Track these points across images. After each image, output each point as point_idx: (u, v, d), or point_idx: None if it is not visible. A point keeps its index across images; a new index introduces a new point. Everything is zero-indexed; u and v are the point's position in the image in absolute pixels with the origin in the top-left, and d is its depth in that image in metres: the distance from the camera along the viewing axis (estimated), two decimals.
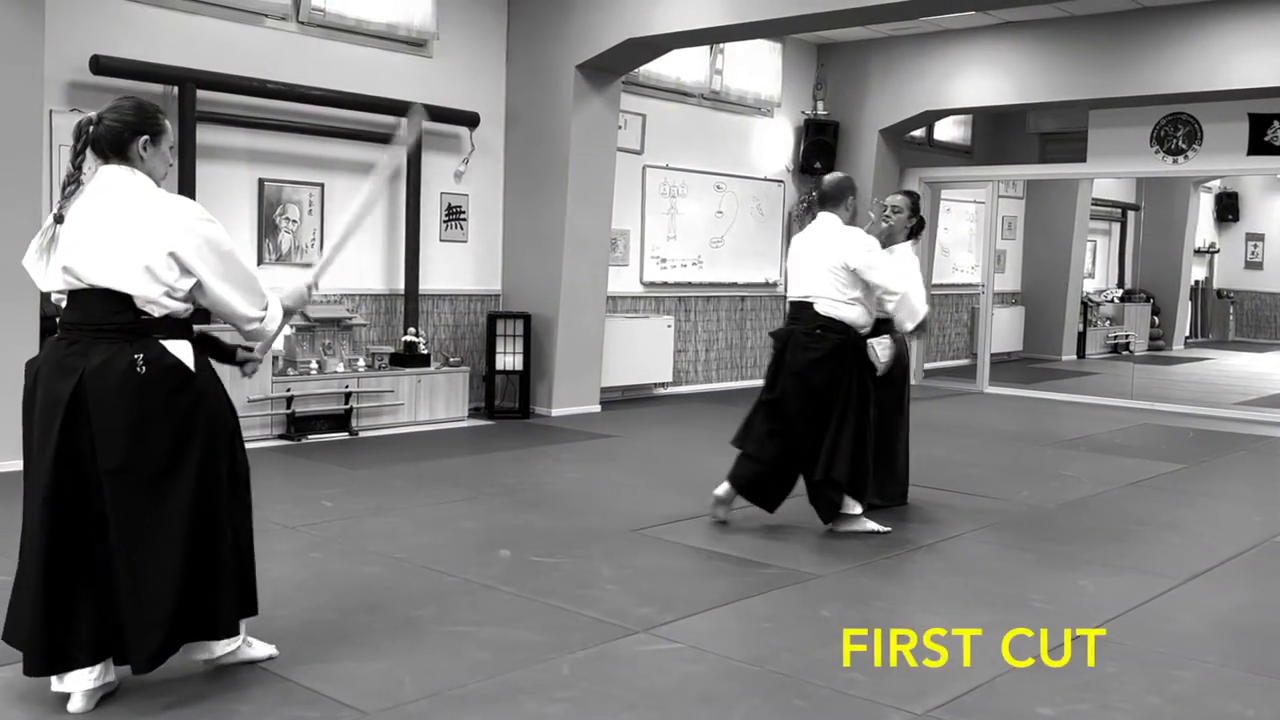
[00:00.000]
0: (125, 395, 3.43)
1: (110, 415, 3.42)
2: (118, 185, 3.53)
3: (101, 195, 3.52)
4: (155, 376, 3.46)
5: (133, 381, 3.43)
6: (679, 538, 5.92)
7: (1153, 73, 10.83)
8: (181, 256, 3.48)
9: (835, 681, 3.97)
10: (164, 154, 3.65)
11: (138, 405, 3.44)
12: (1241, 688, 4.05)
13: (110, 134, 3.54)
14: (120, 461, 3.44)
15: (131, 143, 3.55)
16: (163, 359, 3.49)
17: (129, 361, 3.43)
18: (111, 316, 3.46)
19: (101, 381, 3.42)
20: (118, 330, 3.46)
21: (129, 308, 3.46)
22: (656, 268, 11.65)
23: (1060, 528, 6.44)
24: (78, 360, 3.45)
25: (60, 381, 3.45)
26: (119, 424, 3.43)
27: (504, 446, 8.54)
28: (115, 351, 3.44)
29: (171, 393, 3.50)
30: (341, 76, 8.94)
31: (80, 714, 3.53)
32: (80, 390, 3.42)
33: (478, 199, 10.18)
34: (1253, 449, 9.48)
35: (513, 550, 5.56)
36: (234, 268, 3.60)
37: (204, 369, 3.64)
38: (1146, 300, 18.88)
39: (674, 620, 4.58)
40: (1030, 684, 4.02)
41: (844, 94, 12.96)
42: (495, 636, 4.33)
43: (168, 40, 8.07)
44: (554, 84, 9.88)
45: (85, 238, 3.48)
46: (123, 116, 3.56)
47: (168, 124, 3.68)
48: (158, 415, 3.47)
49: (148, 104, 3.65)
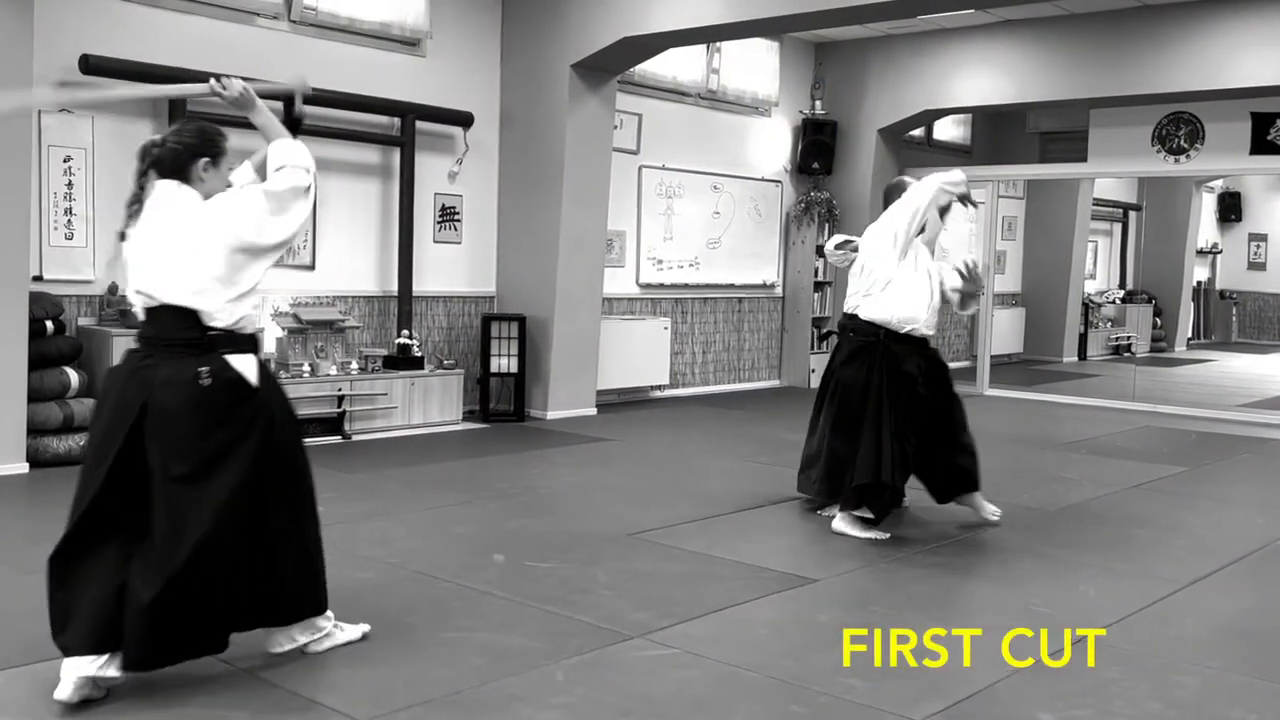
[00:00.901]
0: (189, 406, 3.65)
1: (174, 426, 3.64)
2: (169, 201, 3.77)
3: (157, 213, 3.76)
4: (218, 389, 3.70)
5: (196, 394, 3.66)
6: (675, 542, 5.91)
7: (1154, 71, 10.84)
8: (246, 242, 3.71)
9: (834, 687, 3.97)
10: (224, 175, 3.88)
11: (201, 417, 3.67)
12: (1244, 693, 4.05)
13: (172, 155, 3.78)
14: (183, 470, 3.63)
15: (191, 164, 3.79)
16: (225, 372, 3.72)
17: (193, 374, 3.66)
18: (180, 332, 3.70)
19: (168, 394, 3.65)
20: (185, 345, 3.70)
21: (196, 323, 3.70)
22: (653, 269, 11.64)
23: (1061, 531, 6.44)
24: (149, 374, 3.68)
25: (132, 393, 3.67)
26: (182, 434, 3.64)
27: (499, 450, 8.53)
28: (181, 365, 3.67)
29: (233, 405, 3.73)
30: (334, 76, 8.93)
31: (68, 702, 3.60)
32: (148, 402, 3.64)
33: (472, 200, 10.18)
34: (1256, 451, 9.48)
35: (507, 555, 5.55)
36: (279, 209, 3.78)
37: (266, 382, 3.87)
38: (1148, 301, 18.89)
39: (670, 625, 4.57)
40: (1031, 689, 4.02)
41: (842, 93, 12.96)
42: (489, 642, 4.32)
43: (158, 39, 8.06)
44: (549, 83, 9.89)
45: (150, 257, 3.74)
46: (184, 139, 3.80)
47: (228, 147, 3.89)
48: (220, 426, 3.70)
49: (209, 127, 3.90)
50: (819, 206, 12.76)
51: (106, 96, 3.90)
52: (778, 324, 13.09)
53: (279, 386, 4.00)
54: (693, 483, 7.47)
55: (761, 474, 7.82)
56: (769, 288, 12.93)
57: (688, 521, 6.37)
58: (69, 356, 7.45)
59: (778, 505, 6.86)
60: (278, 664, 4.01)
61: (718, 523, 6.40)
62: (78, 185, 7.74)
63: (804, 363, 12.94)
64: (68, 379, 7.36)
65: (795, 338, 13.05)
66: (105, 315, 7.77)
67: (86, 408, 7.37)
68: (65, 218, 7.71)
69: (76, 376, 7.40)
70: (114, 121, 7.89)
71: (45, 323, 7.33)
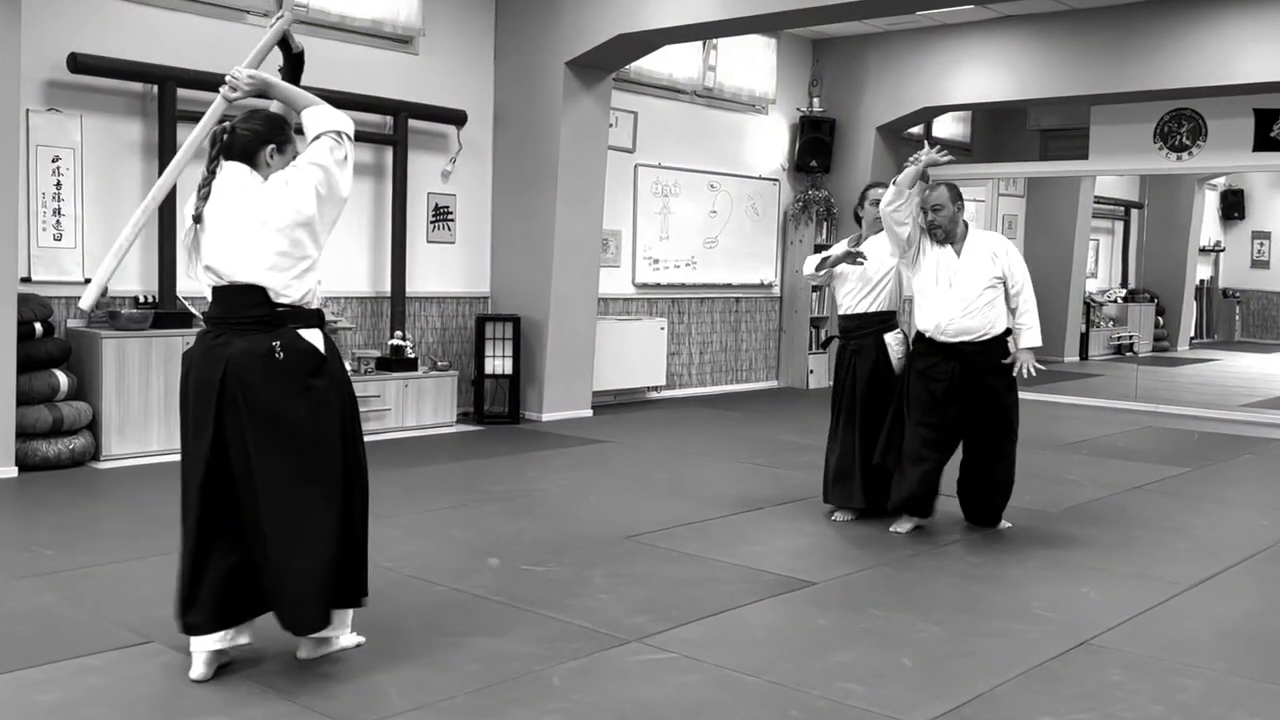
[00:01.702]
0: (267, 378, 3.85)
1: (255, 397, 3.83)
2: (236, 183, 3.94)
3: (224, 195, 3.93)
4: (294, 360, 3.89)
5: (273, 365, 3.85)
6: (673, 545, 5.91)
7: (1156, 67, 10.85)
8: (304, 216, 3.88)
9: (832, 691, 3.97)
10: (288, 162, 4.01)
11: (280, 387, 3.86)
12: (1248, 696, 4.05)
13: (242, 141, 3.98)
14: (268, 440, 3.84)
15: (260, 150, 3.98)
16: (296, 344, 3.91)
17: (268, 348, 3.85)
18: (250, 309, 3.89)
19: (244, 368, 3.84)
20: (256, 322, 3.88)
21: (265, 300, 3.88)
22: (649, 269, 11.65)
23: (1063, 533, 6.45)
24: (222, 350, 3.87)
25: (209, 370, 3.87)
26: (263, 404, 3.84)
27: (493, 452, 8.53)
28: (255, 341, 3.86)
29: (309, 375, 3.92)
30: (325, 75, 8.88)
31: (204, 679, 3.90)
32: (226, 376, 3.84)
33: (466, 199, 10.18)
34: (1260, 452, 9.49)
35: (502, 559, 5.55)
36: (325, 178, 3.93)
37: (333, 355, 4.05)
38: (1150, 300, 18.92)
39: (667, 629, 4.57)
40: (1032, 692, 4.02)
41: (840, 90, 12.97)
42: (484, 647, 4.32)
43: (148, 37, 8.06)
44: (543, 81, 9.89)
45: (219, 236, 3.91)
46: (253, 126, 4.01)
47: (293, 134, 4.09)
48: (298, 395, 3.89)
49: (275, 115, 4.11)
50: (817, 205, 12.77)
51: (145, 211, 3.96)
52: (775, 324, 13.09)
53: (342, 361, 4.16)
54: (690, 485, 7.47)
55: (759, 476, 7.82)
56: (766, 287, 12.94)
57: (685, 524, 6.37)
58: (58, 359, 7.45)
59: (776, 507, 6.86)
60: (269, 668, 4.01)
61: (715, 525, 6.40)
62: (66, 185, 7.73)
63: (802, 364, 12.94)
64: (57, 382, 7.35)
65: (793, 338, 13.05)
66: (95, 317, 7.76)
67: (76, 410, 7.37)
68: (54, 218, 7.70)
69: (65, 379, 7.40)
70: (103, 121, 7.90)
71: (34, 324, 7.33)
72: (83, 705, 3.69)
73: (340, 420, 3.99)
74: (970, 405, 6.16)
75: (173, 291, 8.02)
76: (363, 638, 4.25)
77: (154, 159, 8.04)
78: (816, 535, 6.25)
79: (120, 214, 8.00)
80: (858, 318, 6.54)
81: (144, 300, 8.03)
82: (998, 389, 6.18)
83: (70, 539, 5.73)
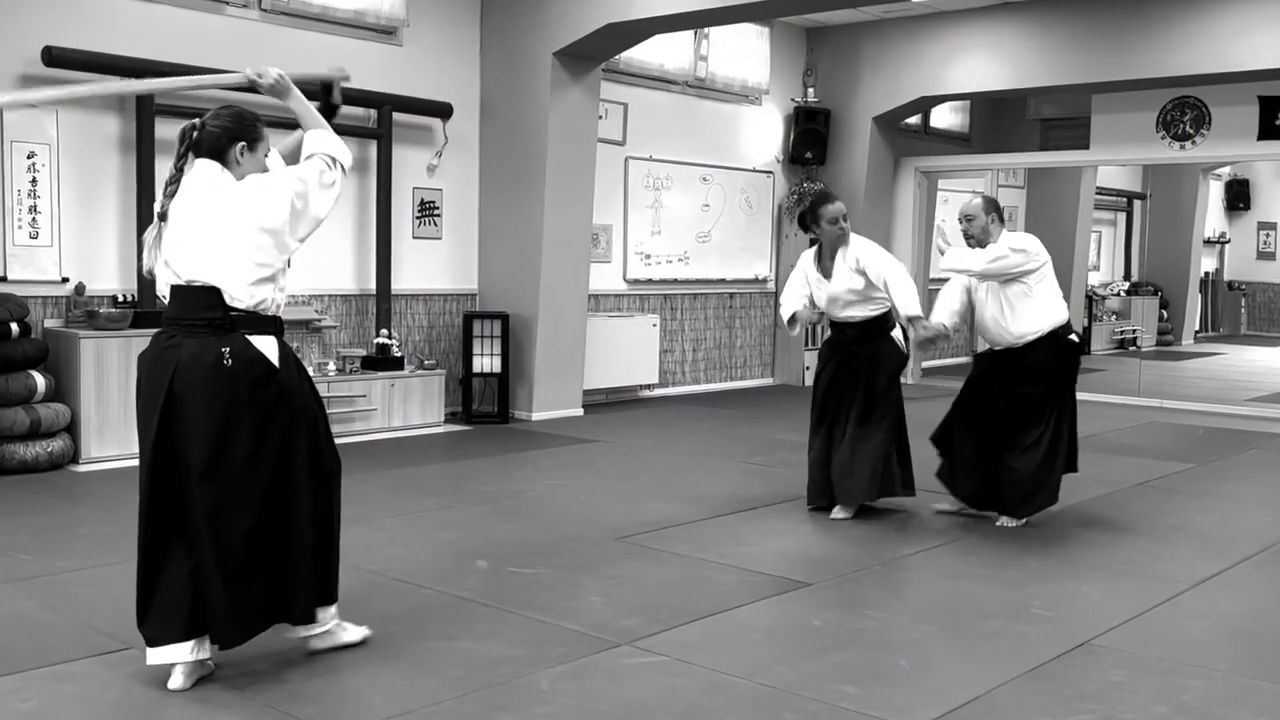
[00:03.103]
0: (213, 385, 3.83)
1: (198, 404, 3.82)
2: (204, 181, 3.95)
3: (192, 192, 3.94)
4: (240, 369, 3.87)
5: (220, 373, 3.84)
6: (665, 545, 5.92)
7: (1158, 54, 10.86)
8: (270, 225, 3.89)
9: (827, 694, 3.98)
10: (259, 160, 4.06)
11: (224, 395, 3.84)
12: (1252, 696, 4.07)
13: (211, 139, 3.98)
14: (205, 450, 3.83)
15: (230, 148, 3.98)
16: (247, 352, 3.89)
17: (216, 355, 3.84)
18: (203, 311, 3.88)
19: (192, 373, 3.83)
20: (208, 325, 3.87)
21: (219, 303, 3.88)
22: (640, 264, 11.66)
23: (1064, 531, 6.46)
24: (173, 353, 3.87)
25: (158, 373, 3.87)
26: (205, 413, 3.82)
27: (482, 452, 8.54)
28: (205, 345, 3.85)
29: (255, 385, 3.90)
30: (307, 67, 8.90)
31: (183, 690, 3.88)
32: (174, 381, 3.84)
33: (452, 194, 10.18)
34: (1265, 447, 9.51)
35: (490, 561, 5.56)
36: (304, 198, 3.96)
37: (287, 364, 4.02)
38: (1154, 293, 18.95)
39: (659, 632, 4.58)
40: (1031, 694, 4.03)
41: (835, 80, 12.98)
42: (472, 651, 4.33)
43: (124, 29, 8.05)
44: (530, 72, 9.89)
45: (181, 235, 3.92)
46: (223, 123, 3.99)
47: (265, 132, 4.10)
48: (242, 406, 3.87)
49: (246, 113, 4.08)
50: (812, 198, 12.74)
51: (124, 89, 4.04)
52: (770, 320, 13.10)
53: (301, 368, 4.15)
54: (682, 485, 7.48)
55: (754, 475, 7.83)
56: (761, 282, 12.95)
57: (677, 524, 6.38)
58: (35, 360, 7.44)
59: (770, 507, 6.87)
60: (252, 673, 4.02)
61: (708, 525, 6.41)
62: (43, 182, 7.72)
63: (798, 360, 12.95)
64: (34, 383, 7.34)
65: (788, 334, 13.01)
66: (73, 317, 7.77)
67: (54, 412, 7.37)
68: (30, 215, 7.69)
69: (43, 380, 7.39)
70: (80, 115, 7.89)
71: (10, 325, 7.32)
72: (61, 712, 3.70)
73: (284, 432, 3.96)
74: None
75: (152, 290, 7.98)
76: (367, 630, 4.39)
77: (132, 154, 8.04)
78: (811, 535, 6.26)
79: (98, 211, 8.01)
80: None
81: (123, 299, 8.03)
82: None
83: (48, 543, 5.73)
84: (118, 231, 8.10)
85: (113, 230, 8.10)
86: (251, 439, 3.88)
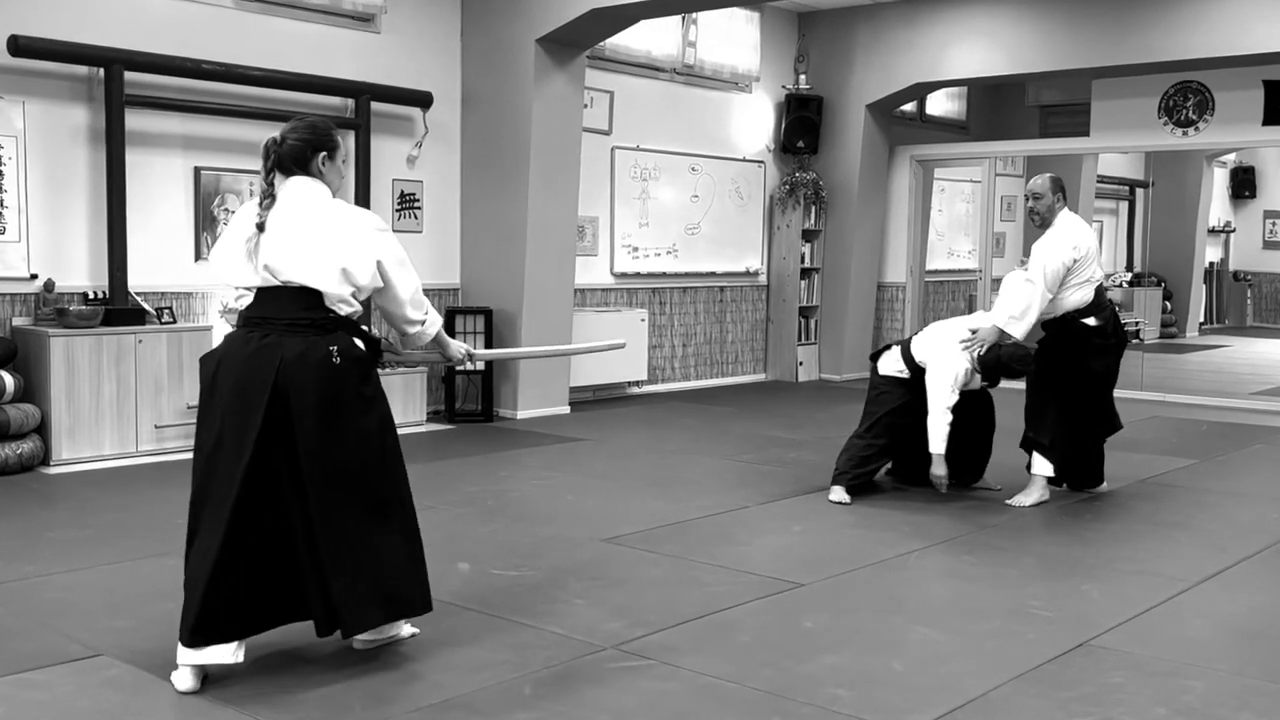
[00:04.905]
0: (321, 382, 4.01)
1: (307, 400, 3.99)
2: (306, 194, 4.15)
3: (293, 203, 4.13)
4: (348, 367, 4.09)
5: (329, 370, 4.03)
6: (652, 546, 5.93)
7: (1160, 38, 10.89)
8: (384, 264, 4.17)
9: (818, 697, 3.99)
10: (338, 168, 4.28)
11: (332, 392, 4.04)
12: (1254, 696, 4.08)
13: (293, 151, 4.17)
14: (315, 444, 4.00)
15: (312, 158, 4.18)
16: (352, 351, 4.13)
17: (326, 352, 4.03)
18: (304, 312, 4.07)
19: (300, 369, 3.99)
20: (310, 325, 4.07)
21: (320, 305, 4.08)
22: (628, 257, 11.66)
23: (1063, 529, 6.48)
24: (273, 350, 4.02)
25: (260, 368, 4.01)
26: (315, 408, 4.00)
27: (465, 452, 8.54)
28: (311, 343, 4.03)
29: (359, 382, 4.13)
30: (282, 55, 8.92)
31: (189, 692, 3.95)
32: (281, 376, 3.98)
33: (433, 185, 10.18)
34: (1271, 442, 9.54)
35: (473, 563, 5.57)
36: (411, 275, 4.29)
37: (377, 366, 4.31)
38: (1157, 284, 18.96)
39: (645, 635, 4.59)
40: (1029, 696, 4.05)
41: (828, 66, 12.99)
42: (452, 656, 4.33)
43: (93, 18, 8.03)
44: (513, 60, 9.88)
45: (285, 241, 4.07)
46: (301, 135, 4.19)
47: (340, 139, 4.30)
48: (348, 403, 4.08)
49: (321, 122, 4.30)
50: (805, 188, 12.78)
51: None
52: (762, 314, 13.11)
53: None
54: (671, 484, 7.49)
55: (745, 473, 7.84)
56: (752, 275, 12.95)
57: (665, 524, 6.39)
58: (3, 359, 7.43)
59: (762, 506, 6.89)
60: (227, 679, 4.02)
61: (698, 525, 6.42)
62: (9, 175, 7.70)
63: (791, 355, 12.97)
64: (2, 383, 7.33)
65: (781, 329, 13.07)
66: (42, 314, 7.75)
67: (23, 413, 7.35)
68: None
69: (11, 380, 7.38)
70: (47, 106, 7.87)
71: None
72: None
73: (380, 430, 4.19)
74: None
75: (124, 287, 8.01)
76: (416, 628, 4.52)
77: (101, 147, 8.02)
78: (804, 534, 6.28)
79: (68, 205, 7.99)
80: None
81: (93, 296, 8.01)
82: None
83: (17, 547, 5.72)
84: (87, 226, 8.09)
85: (82, 225, 8.08)
86: (358, 437, 4.09)
